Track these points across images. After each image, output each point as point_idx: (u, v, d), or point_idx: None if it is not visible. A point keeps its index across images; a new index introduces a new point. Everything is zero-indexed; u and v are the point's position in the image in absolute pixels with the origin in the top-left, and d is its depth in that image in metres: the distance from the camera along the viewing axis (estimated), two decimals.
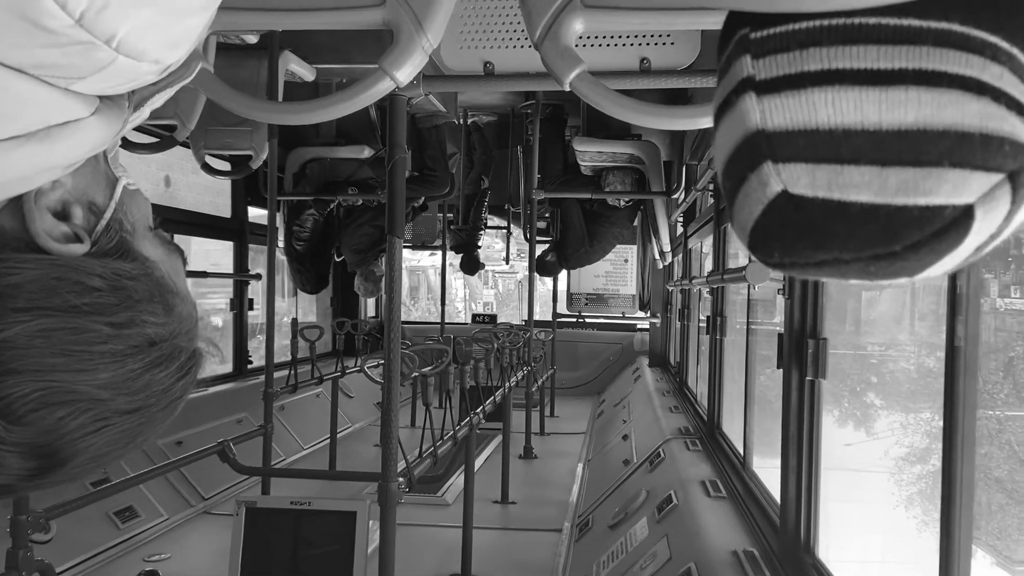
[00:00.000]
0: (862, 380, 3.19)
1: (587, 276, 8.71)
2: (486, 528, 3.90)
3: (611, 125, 5.60)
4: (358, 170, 5.85)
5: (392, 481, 2.55)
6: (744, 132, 0.50)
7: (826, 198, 0.47)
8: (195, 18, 0.52)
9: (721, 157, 0.53)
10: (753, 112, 0.49)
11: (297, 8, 1.12)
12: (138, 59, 0.48)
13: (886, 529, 2.80)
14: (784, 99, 0.48)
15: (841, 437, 3.00)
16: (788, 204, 0.48)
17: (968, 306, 1.43)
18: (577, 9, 1.06)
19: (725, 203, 0.56)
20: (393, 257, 2.55)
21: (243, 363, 6.21)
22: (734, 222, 0.54)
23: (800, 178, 0.47)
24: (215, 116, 3.66)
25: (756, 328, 3.55)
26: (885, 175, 0.45)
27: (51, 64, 0.46)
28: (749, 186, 0.50)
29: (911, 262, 0.47)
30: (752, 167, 0.50)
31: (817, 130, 0.47)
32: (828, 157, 0.46)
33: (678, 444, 4.04)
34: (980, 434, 1.91)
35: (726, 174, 0.53)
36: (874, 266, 0.48)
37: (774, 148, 0.48)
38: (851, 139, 0.46)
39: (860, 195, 0.46)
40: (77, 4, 0.42)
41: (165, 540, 3.77)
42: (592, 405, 7.73)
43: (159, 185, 5.41)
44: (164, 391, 0.63)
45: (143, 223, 0.66)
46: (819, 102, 0.47)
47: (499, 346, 4.27)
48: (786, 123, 0.48)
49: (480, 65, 1.99)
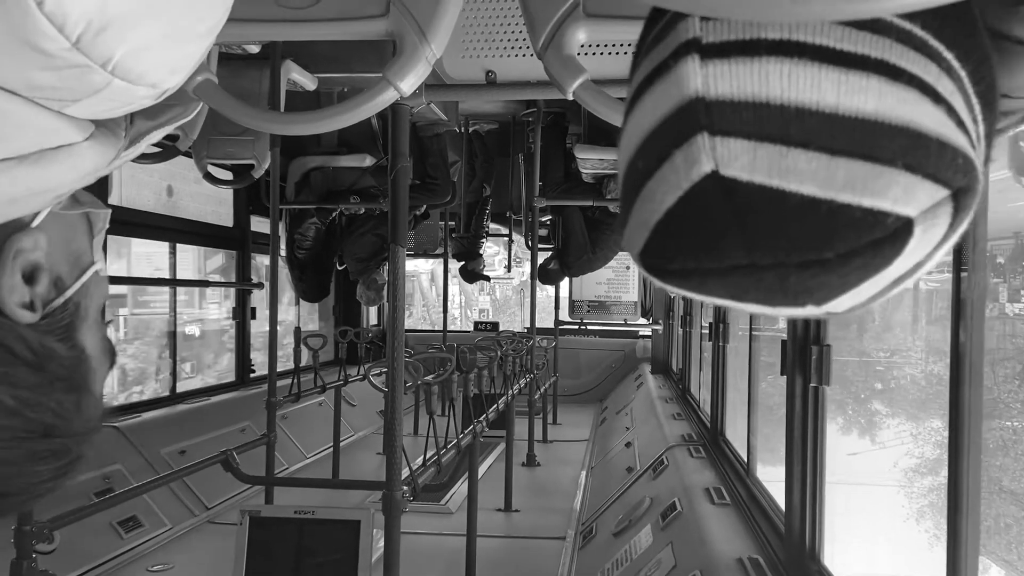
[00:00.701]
0: (867, 387, 3.16)
1: (589, 283, 8.71)
2: (490, 536, 3.89)
3: (612, 132, 5.60)
4: (360, 179, 5.87)
5: (396, 490, 2.54)
6: (679, 100, 0.43)
7: (764, 184, 0.41)
8: (195, 45, 0.51)
9: (636, 138, 0.46)
10: (693, 76, 0.42)
11: (301, 19, 1.13)
12: (134, 83, 0.48)
13: (896, 544, 2.74)
14: (733, 65, 0.42)
15: (846, 445, 2.98)
16: (715, 189, 0.41)
17: (972, 311, 1.43)
18: (579, 19, 1.06)
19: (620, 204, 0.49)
20: (396, 265, 2.55)
21: (246, 372, 6.22)
22: (629, 223, 0.47)
23: (738, 157, 0.41)
24: (217, 126, 3.67)
25: (758, 334, 3.55)
26: (834, 166, 0.40)
27: (45, 86, 0.46)
28: (668, 168, 0.43)
29: (835, 277, 0.41)
30: (679, 141, 0.42)
31: (767, 103, 0.41)
32: (774, 136, 0.40)
33: (681, 451, 4.04)
34: (995, 445, 1.90)
35: (639, 156, 0.45)
36: (794, 277, 0.41)
37: (713, 118, 0.42)
38: (804, 119, 0.40)
39: (803, 185, 0.40)
40: (75, 27, 0.42)
41: (169, 550, 3.77)
42: (595, 412, 7.72)
43: (162, 195, 5.43)
44: (32, 484, 0.59)
45: (96, 310, 0.65)
46: (773, 73, 0.41)
47: (502, 354, 4.27)
48: (732, 92, 0.41)
49: (482, 74, 2.00)
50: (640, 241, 0.47)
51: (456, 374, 3.37)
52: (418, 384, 3.15)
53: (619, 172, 0.49)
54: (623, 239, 0.49)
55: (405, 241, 2.60)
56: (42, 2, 0.40)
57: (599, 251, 6.93)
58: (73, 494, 3.45)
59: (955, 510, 1.46)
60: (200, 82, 1.11)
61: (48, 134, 0.50)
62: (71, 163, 0.53)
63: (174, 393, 5.35)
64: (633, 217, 0.47)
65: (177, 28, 0.48)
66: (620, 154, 0.48)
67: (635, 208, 0.46)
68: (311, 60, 3.24)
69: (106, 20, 0.43)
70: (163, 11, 0.46)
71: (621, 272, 8.80)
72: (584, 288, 8.82)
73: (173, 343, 5.54)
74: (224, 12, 0.53)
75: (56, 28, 0.41)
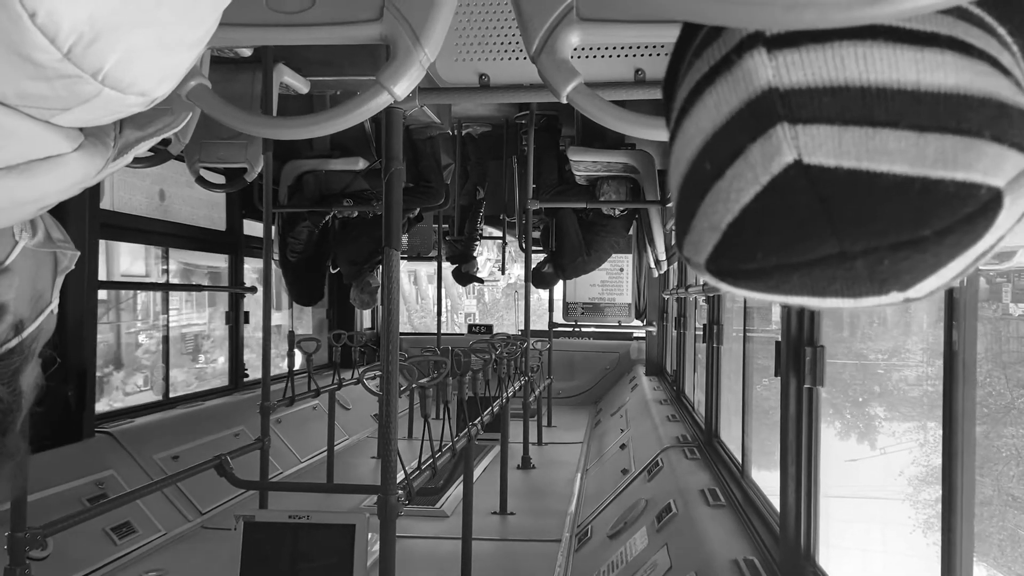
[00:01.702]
0: (865, 390, 3.12)
1: (583, 285, 8.72)
2: (485, 539, 3.88)
3: (605, 135, 5.63)
4: (353, 182, 5.86)
5: (392, 494, 2.54)
6: (748, 94, 0.42)
7: (853, 168, 0.40)
8: (185, 53, 0.51)
9: (697, 141, 0.45)
10: (763, 68, 0.42)
11: (294, 24, 1.13)
12: (125, 92, 0.48)
13: (906, 565, 2.68)
14: (804, 53, 0.41)
15: (846, 451, 2.93)
16: (799, 179, 0.41)
17: (965, 311, 1.43)
18: (573, 22, 1.06)
19: (678, 214, 0.48)
20: (390, 269, 2.55)
21: (239, 376, 6.20)
22: (692, 230, 0.46)
23: (823, 144, 0.40)
24: (210, 129, 3.66)
25: (753, 335, 3.56)
26: (924, 142, 0.40)
27: (35, 96, 0.46)
28: (742, 164, 0.42)
29: (929, 256, 0.41)
30: (755, 135, 0.42)
31: (847, 87, 0.40)
32: (859, 118, 0.40)
33: (676, 453, 4.04)
34: (1007, 453, 1.88)
35: (704, 157, 0.44)
36: (888, 261, 0.41)
37: (791, 108, 0.41)
38: (888, 99, 0.40)
39: (894, 165, 0.40)
40: (67, 38, 0.42)
41: (163, 555, 3.75)
42: (589, 414, 7.73)
43: (154, 199, 5.41)
44: None
45: (40, 345, 0.66)
46: (848, 56, 0.40)
47: (497, 357, 4.27)
48: (807, 79, 0.41)
49: (475, 77, 2.00)
50: (708, 246, 0.45)
51: (451, 377, 3.37)
52: (413, 387, 3.14)
53: (674, 182, 0.47)
54: (684, 249, 0.47)
55: (399, 244, 2.60)
56: (35, 14, 0.40)
57: (593, 253, 6.95)
58: (66, 500, 3.44)
59: (949, 510, 1.47)
60: (193, 87, 1.10)
61: (37, 144, 0.50)
62: (59, 173, 0.53)
63: (167, 398, 5.33)
64: (698, 223, 0.45)
65: (167, 37, 0.48)
66: (675, 164, 0.47)
67: (700, 213, 0.45)
68: (303, 63, 3.23)
69: (97, 31, 0.43)
70: (154, 21, 0.46)
71: (615, 274, 8.82)
72: (578, 290, 8.83)
73: (166, 348, 5.53)
74: (215, 21, 0.53)
75: (48, 39, 0.41)
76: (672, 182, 0.48)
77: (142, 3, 0.45)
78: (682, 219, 0.47)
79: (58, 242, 0.67)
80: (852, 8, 0.36)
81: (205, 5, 0.50)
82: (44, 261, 0.66)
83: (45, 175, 0.52)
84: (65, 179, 0.54)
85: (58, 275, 0.68)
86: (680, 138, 0.47)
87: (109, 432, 4.21)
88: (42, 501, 3.26)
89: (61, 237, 0.68)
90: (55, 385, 3.94)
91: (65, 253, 0.68)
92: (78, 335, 4.08)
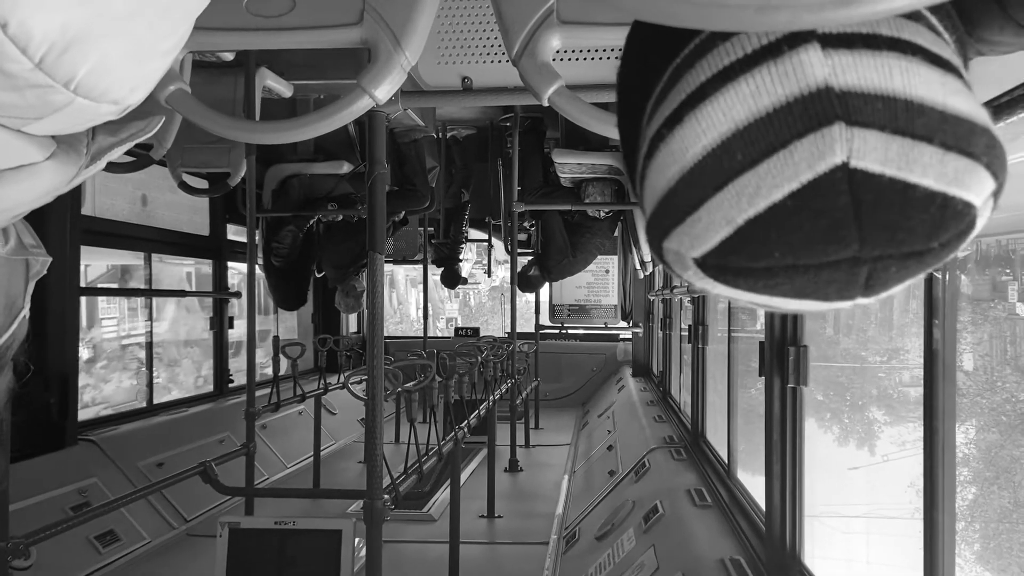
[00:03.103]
0: (864, 394, 3.04)
1: (569, 287, 8.74)
2: (473, 543, 3.88)
3: (590, 137, 5.64)
4: (338, 185, 5.85)
5: (378, 499, 2.53)
6: (801, 88, 0.42)
7: (894, 177, 0.41)
8: (157, 62, 0.51)
9: (724, 128, 0.43)
10: (820, 65, 0.41)
11: (273, 28, 1.12)
12: (97, 100, 0.48)
13: None
14: (858, 57, 0.42)
15: (845, 458, 2.84)
16: (842, 182, 0.41)
17: (945, 311, 1.45)
18: (554, 25, 1.06)
19: (673, 196, 0.45)
20: (375, 273, 2.54)
21: (224, 382, 6.16)
22: (700, 220, 0.44)
23: (874, 149, 0.41)
24: (192, 134, 3.64)
25: (738, 336, 3.57)
26: (947, 160, 0.41)
27: (6, 105, 0.45)
28: (783, 158, 0.41)
29: (923, 267, 0.43)
30: (803, 131, 0.41)
31: (894, 97, 0.41)
32: (904, 129, 0.41)
33: (663, 454, 4.05)
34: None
35: (735, 146, 0.43)
36: (895, 268, 0.42)
37: (848, 109, 0.41)
38: (925, 115, 0.41)
39: (925, 178, 0.41)
40: (38, 48, 0.42)
41: (148, 564, 3.72)
42: (576, 416, 7.73)
43: (136, 204, 5.37)
44: None
45: (13, 352, 0.65)
46: (895, 68, 0.42)
47: (483, 359, 4.27)
48: (861, 83, 0.41)
49: (458, 80, 2.00)
50: (712, 240, 0.44)
51: (436, 380, 3.36)
52: (398, 391, 3.13)
53: (670, 171, 0.46)
54: (671, 240, 0.46)
55: (384, 248, 2.59)
56: (6, 24, 0.40)
57: (579, 255, 6.95)
58: (49, 509, 3.40)
59: (931, 506, 1.48)
60: (173, 91, 1.10)
61: (8, 153, 0.49)
62: (32, 182, 0.52)
63: (151, 405, 5.29)
64: (704, 215, 0.44)
65: (140, 46, 0.48)
66: (677, 151, 0.45)
67: (710, 205, 0.44)
68: (286, 67, 3.22)
69: (69, 41, 0.43)
70: (125, 31, 0.46)
71: (601, 276, 8.84)
72: (564, 292, 8.85)
73: (149, 354, 5.48)
74: (187, 29, 0.52)
75: (19, 50, 0.41)
76: (664, 171, 0.46)
77: (114, 13, 0.44)
78: (672, 210, 0.46)
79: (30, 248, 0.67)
80: (824, 10, 0.36)
81: (177, 14, 0.50)
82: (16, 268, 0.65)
83: (17, 184, 0.51)
84: (37, 187, 0.53)
85: (30, 281, 0.67)
86: (692, 124, 0.45)
87: (92, 440, 4.17)
88: (24, 510, 3.23)
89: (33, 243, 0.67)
90: (36, 393, 3.90)
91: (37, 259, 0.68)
92: (59, 342, 4.04)
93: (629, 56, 0.55)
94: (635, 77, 0.52)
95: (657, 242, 0.48)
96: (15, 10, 0.40)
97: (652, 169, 0.47)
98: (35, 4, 0.41)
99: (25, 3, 0.40)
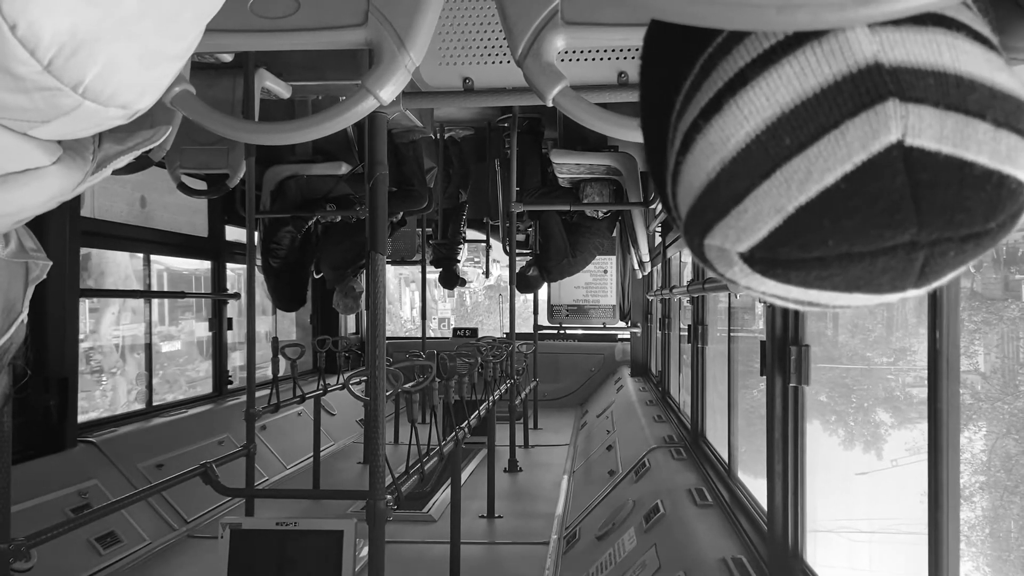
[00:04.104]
0: (871, 395, 2.96)
1: (567, 288, 8.74)
2: (473, 543, 3.88)
3: (588, 137, 5.64)
4: (336, 186, 5.84)
5: (380, 498, 2.53)
6: (849, 66, 0.40)
7: (950, 155, 0.39)
8: (167, 66, 0.51)
9: (767, 113, 0.41)
10: (868, 41, 0.40)
11: (278, 29, 1.12)
12: (105, 104, 0.48)
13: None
14: (906, 33, 0.40)
15: (852, 462, 2.76)
16: (897, 162, 0.39)
17: (948, 312, 1.45)
18: (558, 26, 1.06)
19: (716, 190, 0.43)
20: (376, 273, 2.54)
21: (223, 383, 6.15)
22: (746, 213, 0.42)
23: (929, 126, 0.39)
24: (191, 135, 3.64)
25: (737, 336, 3.57)
26: (999, 137, 0.40)
27: (14, 108, 0.45)
28: (834, 140, 0.40)
29: (980, 250, 0.41)
30: (855, 110, 0.39)
31: (944, 72, 0.40)
32: (957, 105, 0.40)
33: (663, 453, 4.05)
34: None
35: (781, 131, 0.41)
36: (953, 252, 0.41)
37: (901, 85, 0.39)
38: (976, 90, 0.40)
39: (980, 155, 0.40)
40: (47, 50, 0.42)
41: (148, 565, 3.72)
42: (575, 416, 7.74)
43: (135, 206, 5.36)
44: None
45: (11, 356, 0.65)
46: (942, 44, 0.40)
47: (482, 360, 4.27)
48: (911, 59, 0.40)
49: (459, 81, 2.00)
50: (762, 231, 0.42)
51: (436, 381, 3.36)
52: (399, 392, 3.13)
53: (709, 163, 0.44)
54: (713, 236, 0.44)
55: (385, 249, 2.59)
56: (15, 26, 0.40)
57: (579, 255, 6.96)
58: (49, 511, 3.40)
59: (935, 507, 1.48)
60: (178, 93, 1.10)
61: (14, 157, 0.49)
62: (37, 186, 0.52)
63: (150, 406, 5.28)
64: (751, 205, 0.42)
65: (149, 50, 0.48)
66: (718, 143, 0.43)
67: (758, 194, 0.42)
68: (284, 68, 3.22)
69: (78, 43, 0.42)
70: (135, 34, 0.46)
71: (599, 276, 8.84)
72: (563, 292, 8.85)
73: (149, 356, 5.48)
74: (197, 34, 0.52)
75: (28, 52, 0.41)
76: (702, 164, 0.44)
77: (123, 16, 0.44)
78: (714, 203, 0.44)
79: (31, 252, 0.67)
80: (845, 9, 0.37)
81: (187, 19, 0.50)
82: (16, 272, 0.65)
83: (23, 188, 0.51)
84: (43, 192, 0.53)
85: (29, 285, 0.67)
86: (733, 112, 0.43)
87: (92, 441, 4.17)
88: (25, 512, 3.22)
89: (34, 247, 0.67)
90: (35, 395, 3.89)
91: (37, 263, 0.68)
92: (59, 344, 4.03)
93: (651, 52, 0.53)
94: (660, 72, 0.51)
95: (698, 239, 0.45)
96: (25, 12, 0.40)
97: (688, 164, 0.45)
98: (44, 6, 0.41)
99: (35, 5, 0.40)
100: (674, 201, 0.48)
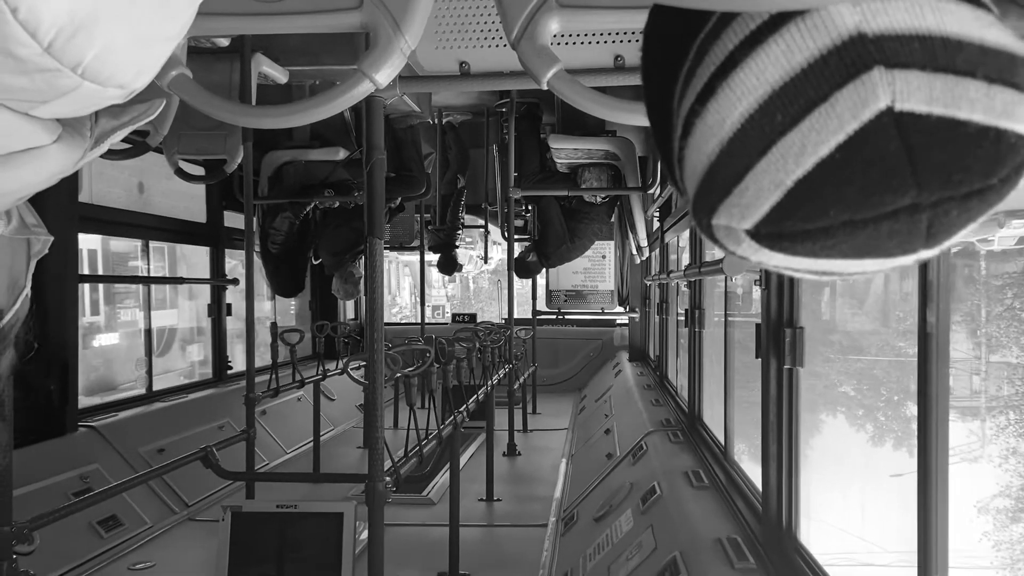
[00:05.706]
0: (902, 389, 2.82)
1: (566, 273, 8.75)
2: (472, 526, 3.91)
3: (586, 122, 5.64)
4: (334, 172, 5.84)
5: (379, 481, 2.55)
6: (833, 39, 0.41)
7: (942, 115, 0.40)
8: (163, 46, 0.52)
9: (758, 93, 0.43)
10: (848, 15, 0.41)
11: (274, 12, 1.13)
12: (103, 84, 0.49)
13: None
14: (888, 2, 0.41)
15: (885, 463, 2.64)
16: (889, 127, 0.40)
17: (938, 294, 1.46)
18: (553, 9, 1.07)
19: (716, 171, 0.45)
20: (374, 259, 2.55)
21: (223, 368, 6.18)
22: (748, 191, 0.44)
23: (917, 89, 0.40)
24: (188, 120, 3.63)
25: (733, 319, 3.59)
26: (993, 93, 0.41)
27: (15, 89, 0.46)
28: (825, 112, 0.41)
29: (986, 206, 0.42)
30: (845, 80, 0.41)
31: (930, 35, 0.41)
32: (946, 66, 0.40)
33: (660, 436, 4.08)
34: None
35: (773, 108, 0.42)
36: (956, 211, 0.42)
37: (885, 52, 0.40)
38: (963, 49, 0.41)
39: (974, 113, 0.40)
40: (47, 33, 0.43)
41: (150, 548, 3.75)
42: (574, 401, 7.77)
43: (133, 192, 5.36)
44: None
45: (17, 330, 0.67)
46: (924, 6, 0.41)
47: (481, 345, 4.29)
48: (894, 25, 0.41)
49: (456, 65, 2.00)
50: (764, 207, 0.43)
51: (435, 366, 3.38)
52: (397, 376, 3.15)
53: (716, 141, 0.45)
54: (719, 215, 0.45)
55: (383, 234, 2.60)
56: (16, 9, 0.41)
57: (577, 240, 6.96)
58: (51, 495, 3.42)
59: (924, 493, 1.50)
60: (175, 76, 1.11)
61: (16, 136, 0.51)
62: (38, 164, 0.53)
63: (151, 391, 5.30)
64: (751, 183, 0.43)
65: (145, 31, 0.49)
66: (714, 126, 0.45)
67: (757, 171, 0.43)
68: (281, 53, 3.21)
69: (77, 25, 0.44)
70: (132, 15, 0.47)
71: (597, 261, 8.85)
72: (561, 278, 8.86)
73: (148, 341, 5.50)
74: (191, 14, 0.53)
75: (29, 34, 0.42)
76: (702, 147, 0.46)
77: None
78: (717, 184, 0.45)
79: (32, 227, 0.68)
80: None
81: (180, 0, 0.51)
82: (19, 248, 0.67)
83: (25, 166, 0.52)
84: (44, 170, 0.55)
85: (31, 260, 0.69)
86: (726, 94, 0.44)
87: (93, 426, 4.19)
88: (26, 496, 3.25)
89: (35, 222, 0.69)
90: (37, 379, 3.91)
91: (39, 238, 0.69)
92: (60, 329, 4.05)
93: (651, 40, 0.55)
94: (660, 59, 0.53)
95: (705, 220, 0.47)
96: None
97: (690, 148, 0.47)
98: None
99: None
100: (683, 185, 0.50)
